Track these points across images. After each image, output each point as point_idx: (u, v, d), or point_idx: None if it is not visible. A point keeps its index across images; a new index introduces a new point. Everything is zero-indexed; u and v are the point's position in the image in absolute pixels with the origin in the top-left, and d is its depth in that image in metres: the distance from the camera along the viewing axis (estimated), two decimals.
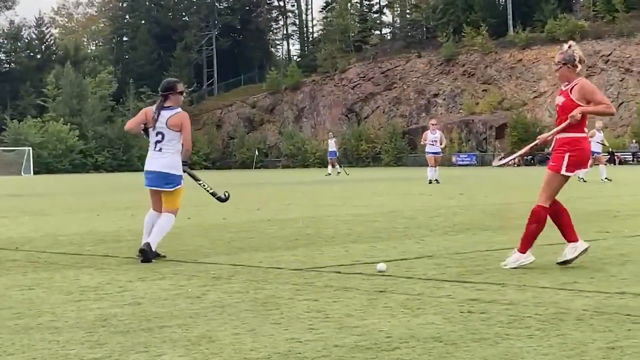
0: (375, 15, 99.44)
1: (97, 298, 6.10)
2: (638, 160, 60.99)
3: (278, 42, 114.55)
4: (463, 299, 5.67)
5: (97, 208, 17.85)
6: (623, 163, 58.29)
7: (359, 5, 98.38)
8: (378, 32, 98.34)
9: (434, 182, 27.25)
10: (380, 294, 5.96)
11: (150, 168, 8.48)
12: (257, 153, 74.43)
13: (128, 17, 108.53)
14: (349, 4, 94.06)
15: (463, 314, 5.14)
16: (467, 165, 67.24)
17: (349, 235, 10.40)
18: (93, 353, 4.32)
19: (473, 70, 77.53)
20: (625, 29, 69.13)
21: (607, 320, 4.86)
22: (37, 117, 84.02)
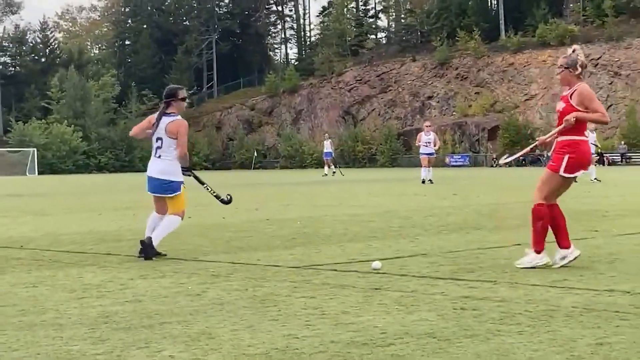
0: (371, 20, 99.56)
1: (99, 295, 6.09)
2: (627, 161, 61.07)
3: (276, 46, 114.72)
4: (456, 296, 5.67)
5: (99, 208, 17.83)
6: (612, 164, 58.35)
7: (355, 10, 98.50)
8: (374, 36, 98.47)
9: (428, 182, 27.29)
10: (376, 292, 5.96)
11: (150, 174, 8.47)
12: (255, 154, 74.44)
13: (130, 21, 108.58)
14: (346, 9, 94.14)
15: (456, 311, 5.14)
16: (460, 166, 67.31)
17: (345, 235, 10.40)
18: (95, 349, 4.31)
19: (466, 74, 77.59)
20: (614, 34, 69.23)
21: (595, 317, 4.87)
22: (41, 119, 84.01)
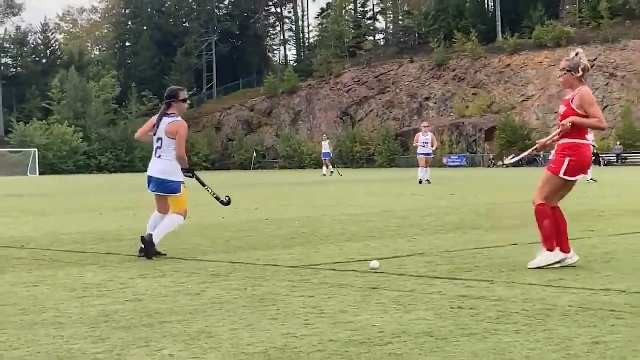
0: (369, 22, 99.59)
1: (99, 294, 6.09)
2: (622, 162, 61.10)
3: (275, 47, 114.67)
4: (453, 295, 5.67)
5: (99, 208, 17.82)
6: (608, 164, 58.38)
7: (353, 12, 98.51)
8: (372, 37, 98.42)
9: (425, 182, 27.29)
10: (374, 291, 5.96)
11: (150, 173, 8.47)
12: (254, 154, 74.41)
13: (130, 23, 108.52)
14: (344, 11, 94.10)
15: (453, 310, 5.14)
16: (457, 167, 67.33)
17: (344, 234, 10.40)
18: (95, 347, 4.31)
19: (463, 75, 77.61)
20: (610, 35, 69.28)
21: (591, 316, 4.87)
22: (42, 119, 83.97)
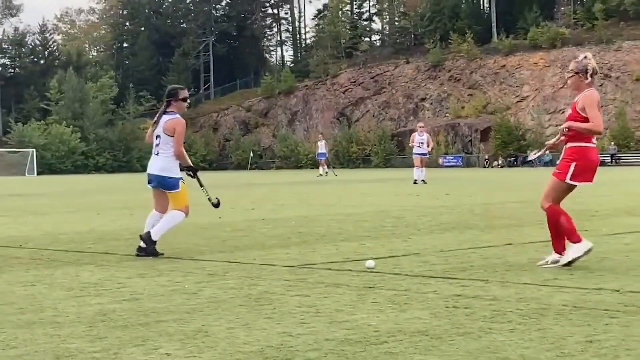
0: (365, 23, 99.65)
1: (97, 294, 6.08)
2: (616, 162, 61.18)
3: (272, 48, 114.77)
4: (448, 295, 5.67)
5: (97, 207, 17.78)
6: (602, 165, 58.36)
7: (350, 13, 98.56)
8: (368, 38, 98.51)
9: (421, 182, 27.30)
10: (369, 290, 5.95)
11: (149, 171, 8.48)
12: (252, 155, 74.46)
13: (128, 24, 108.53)
14: (340, 12, 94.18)
15: (448, 309, 5.14)
16: (453, 167, 67.37)
17: (340, 234, 10.39)
18: (93, 347, 4.30)
19: (459, 76, 77.67)
20: (604, 36, 69.41)
21: (585, 315, 4.87)
22: (40, 120, 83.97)
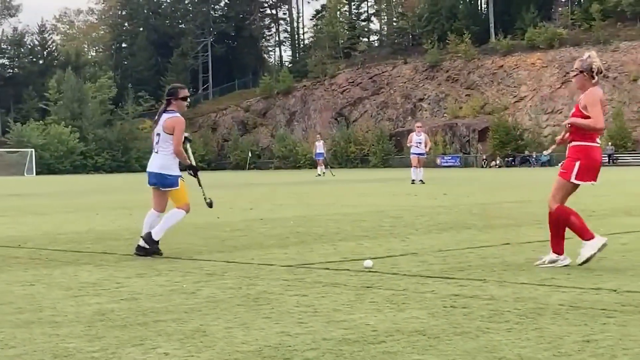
0: (364, 23, 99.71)
1: (95, 293, 6.07)
2: (613, 162, 61.22)
3: (270, 48, 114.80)
4: (446, 294, 5.67)
5: (96, 207, 17.78)
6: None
7: (348, 14, 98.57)
8: (366, 39, 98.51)
9: (419, 182, 27.30)
10: (367, 290, 5.95)
11: (149, 169, 8.51)
12: (250, 155, 74.45)
13: (127, 24, 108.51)
14: (339, 13, 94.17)
15: (446, 309, 5.14)
16: (451, 167, 67.39)
17: (338, 234, 10.39)
18: (91, 346, 4.30)
19: (457, 76, 77.70)
20: (602, 37, 69.46)
21: (582, 315, 4.87)
22: (39, 120, 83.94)
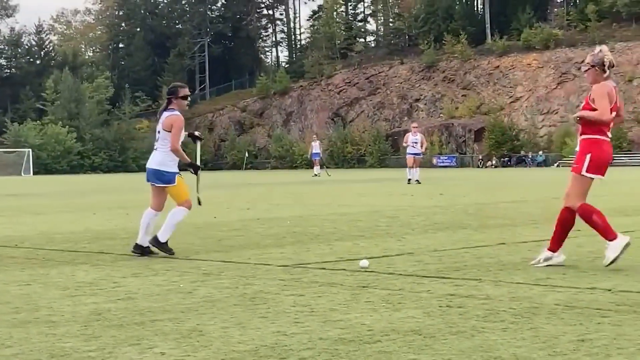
0: (360, 24, 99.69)
1: (92, 293, 6.07)
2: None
3: (267, 49, 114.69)
4: (442, 294, 5.67)
5: (93, 207, 17.77)
6: None
7: (345, 14, 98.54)
8: (363, 39, 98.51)
9: (415, 182, 27.32)
10: (363, 289, 5.96)
11: (148, 165, 8.57)
12: (247, 155, 74.39)
13: (124, 25, 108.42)
14: (335, 13, 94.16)
15: (441, 308, 5.14)
16: (447, 167, 67.42)
17: (334, 234, 10.39)
18: (88, 346, 4.30)
19: (453, 76, 77.73)
20: (597, 38, 69.38)
21: (577, 315, 4.88)
22: (36, 120, 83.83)
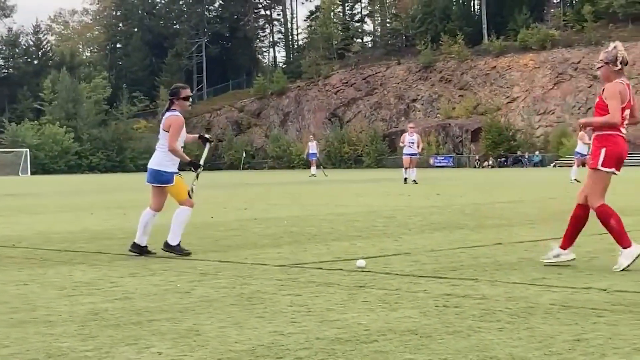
0: (357, 24, 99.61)
1: (89, 293, 6.07)
2: None
3: (265, 49, 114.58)
4: (438, 294, 5.68)
5: (90, 207, 17.76)
6: None
7: (342, 15, 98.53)
8: (360, 40, 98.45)
9: (412, 182, 27.32)
10: (360, 289, 5.96)
11: (148, 165, 8.58)
12: (244, 155, 74.34)
13: (122, 25, 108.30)
14: (332, 14, 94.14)
15: (438, 308, 5.15)
16: (443, 167, 67.44)
17: (331, 234, 10.40)
18: (85, 345, 4.30)
19: (450, 77, 77.73)
20: (594, 38, 69.54)
21: (573, 314, 4.88)
22: (34, 120, 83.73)
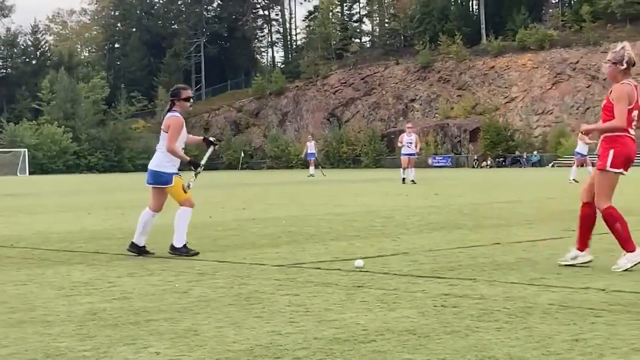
0: (356, 24, 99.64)
1: (87, 293, 6.07)
2: None
3: (263, 49, 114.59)
4: (436, 294, 5.68)
5: (88, 207, 17.75)
6: (593, 166, 58.53)
7: (340, 15, 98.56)
8: (358, 40, 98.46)
9: (410, 182, 27.32)
10: (358, 289, 5.96)
11: (148, 166, 8.58)
12: (242, 155, 74.33)
13: (120, 25, 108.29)
14: (331, 14, 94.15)
15: (436, 308, 5.15)
16: (442, 167, 67.46)
17: (329, 234, 10.40)
18: (83, 345, 4.30)
19: (448, 77, 77.76)
20: (592, 38, 69.58)
21: (571, 314, 4.88)
22: (32, 120, 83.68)
